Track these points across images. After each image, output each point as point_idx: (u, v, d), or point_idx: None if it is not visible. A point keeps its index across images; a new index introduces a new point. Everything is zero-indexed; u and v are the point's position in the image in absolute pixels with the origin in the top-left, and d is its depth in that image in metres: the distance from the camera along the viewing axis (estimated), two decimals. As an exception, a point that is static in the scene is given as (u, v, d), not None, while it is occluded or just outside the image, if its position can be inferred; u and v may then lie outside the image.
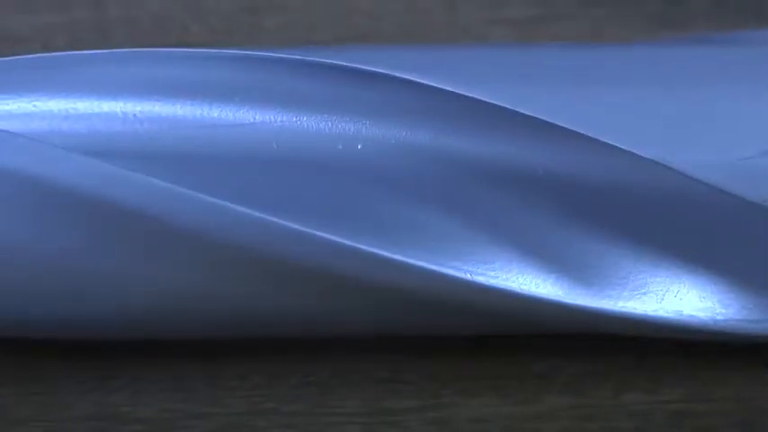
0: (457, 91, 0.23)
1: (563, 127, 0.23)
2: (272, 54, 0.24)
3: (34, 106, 0.24)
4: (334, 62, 0.23)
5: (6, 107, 0.24)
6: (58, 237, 0.23)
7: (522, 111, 0.23)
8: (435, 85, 0.23)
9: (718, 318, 0.24)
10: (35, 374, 0.27)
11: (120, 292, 0.24)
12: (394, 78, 0.23)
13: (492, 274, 0.24)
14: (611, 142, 0.23)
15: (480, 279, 0.23)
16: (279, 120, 0.23)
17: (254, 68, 0.24)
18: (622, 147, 0.23)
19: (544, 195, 0.23)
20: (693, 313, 0.24)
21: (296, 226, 0.23)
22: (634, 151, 0.23)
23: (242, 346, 0.26)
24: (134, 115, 0.24)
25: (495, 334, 0.25)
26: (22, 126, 0.24)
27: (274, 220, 0.22)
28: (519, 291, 0.23)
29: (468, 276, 0.23)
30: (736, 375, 0.26)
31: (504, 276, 0.24)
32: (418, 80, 0.23)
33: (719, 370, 0.26)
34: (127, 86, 0.24)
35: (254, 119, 0.23)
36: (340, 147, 0.23)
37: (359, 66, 0.23)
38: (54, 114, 0.24)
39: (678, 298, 0.24)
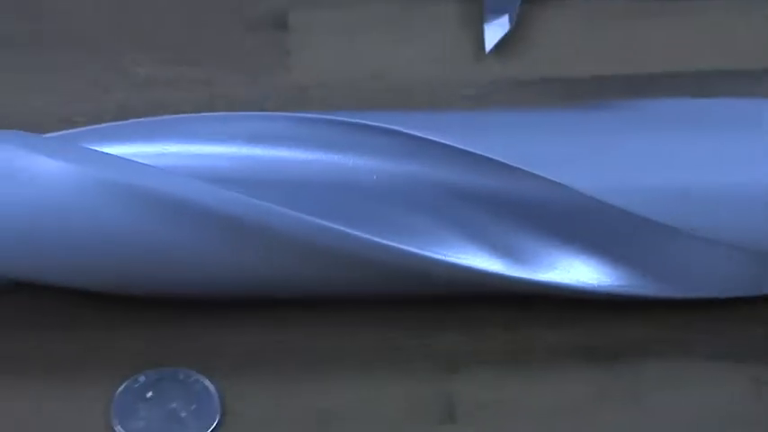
0: (440, 140, 0.37)
1: (508, 164, 0.37)
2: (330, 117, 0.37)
3: (165, 149, 0.37)
4: (370, 123, 0.37)
5: (149, 149, 0.37)
6: (185, 238, 0.36)
7: (481, 153, 0.36)
8: (431, 138, 0.37)
9: (602, 284, 0.37)
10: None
11: (218, 275, 0.36)
12: (402, 133, 0.37)
13: (459, 256, 0.37)
14: (544, 175, 0.36)
15: (452, 259, 0.36)
16: (333, 161, 0.37)
17: (320, 127, 0.37)
18: (550, 177, 0.36)
19: (495, 208, 0.37)
20: (586, 281, 0.37)
21: (342, 228, 0.35)
22: (559, 180, 0.37)
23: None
24: (246, 156, 0.36)
25: (457, 296, 0.38)
26: (159, 162, 0.36)
27: (333, 225, 0.35)
28: (475, 267, 0.37)
29: (443, 257, 0.36)
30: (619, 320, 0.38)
31: (465, 258, 0.37)
32: (419, 135, 0.37)
33: (615, 317, 0.38)
34: (237, 136, 0.37)
35: (322, 159, 0.37)
36: (374, 177, 0.37)
37: (390, 126, 0.37)
38: (182, 155, 0.37)
39: (576, 272, 0.37)
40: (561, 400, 0.38)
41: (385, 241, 0.37)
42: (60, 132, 0.39)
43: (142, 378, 0.38)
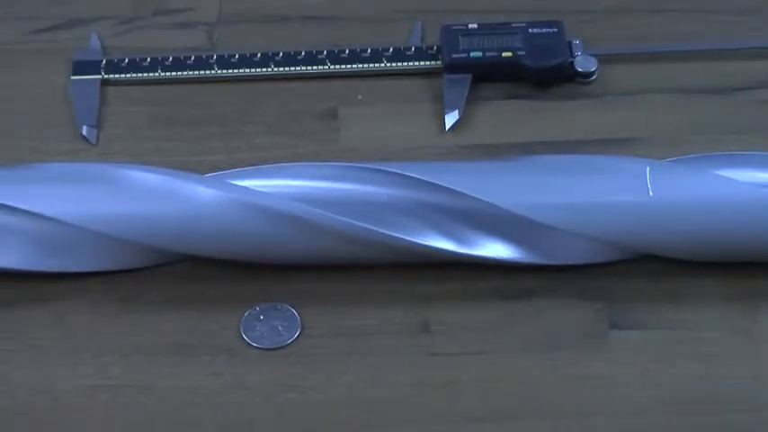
0: (421, 178, 0.53)
1: (458, 191, 0.52)
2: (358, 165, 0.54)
3: (275, 183, 0.54)
4: (384, 168, 0.54)
5: (266, 183, 0.54)
6: (281, 233, 0.52)
7: (443, 185, 0.53)
8: (416, 176, 0.53)
9: (510, 256, 0.54)
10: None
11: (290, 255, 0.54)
12: (401, 174, 0.54)
13: (428, 240, 0.53)
14: (477, 196, 0.52)
15: (423, 241, 0.53)
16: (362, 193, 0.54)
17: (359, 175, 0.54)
18: (481, 197, 0.52)
19: (451, 214, 0.53)
20: (502, 255, 0.54)
21: (367, 226, 0.52)
22: (486, 199, 0.52)
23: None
24: (318, 187, 0.54)
25: (417, 263, 0.54)
26: (271, 190, 0.53)
27: (365, 225, 0.53)
28: (436, 246, 0.53)
29: (418, 241, 0.53)
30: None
31: (432, 241, 0.53)
32: (410, 175, 0.53)
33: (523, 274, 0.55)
34: (314, 176, 0.54)
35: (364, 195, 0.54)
36: (386, 198, 0.54)
37: (394, 170, 0.54)
38: (284, 187, 0.54)
39: (495, 249, 0.54)
40: (487, 320, 0.53)
41: (388, 232, 0.52)
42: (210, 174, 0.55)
43: (257, 308, 0.54)
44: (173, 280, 0.55)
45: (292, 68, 0.64)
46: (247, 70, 0.64)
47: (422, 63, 0.64)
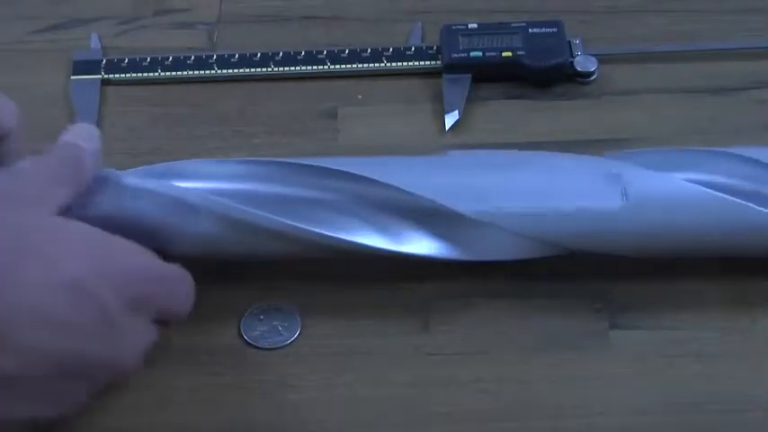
0: (361, 174, 0.52)
1: (392, 185, 0.51)
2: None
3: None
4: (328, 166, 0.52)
5: (186, 184, 0.52)
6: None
7: (386, 182, 0.52)
8: (353, 172, 0.52)
9: (434, 252, 0.52)
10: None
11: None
12: (333, 170, 0.52)
13: (362, 237, 0.52)
14: (405, 188, 0.51)
15: (356, 239, 0.52)
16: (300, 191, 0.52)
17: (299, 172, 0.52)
18: (427, 197, 0.51)
19: (384, 210, 0.52)
20: (427, 252, 0.52)
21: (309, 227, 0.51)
22: (412, 190, 0.51)
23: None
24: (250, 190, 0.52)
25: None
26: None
27: (301, 226, 0.51)
28: (369, 244, 0.52)
29: (351, 238, 0.52)
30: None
31: (365, 238, 0.52)
32: (346, 171, 0.52)
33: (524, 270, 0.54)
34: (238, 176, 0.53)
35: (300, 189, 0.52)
36: (314, 193, 0.52)
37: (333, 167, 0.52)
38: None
39: (421, 244, 0.52)
40: (487, 320, 0.53)
41: (312, 229, 0.51)
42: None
43: (257, 308, 0.54)
44: (173, 280, 0.56)
45: (292, 68, 0.64)
46: (247, 70, 0.64)
47: (422, 63, 0.64)
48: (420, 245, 0.52)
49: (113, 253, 0.47)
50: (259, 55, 0.65)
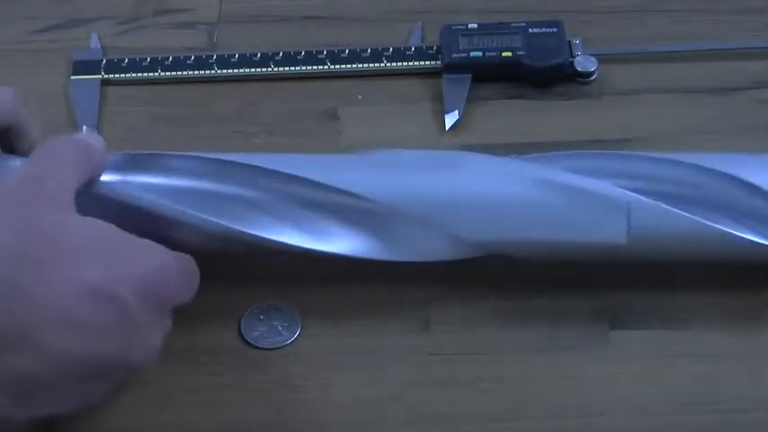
0: (286, 172, 0.52)
1: (315, 181, 0.51)
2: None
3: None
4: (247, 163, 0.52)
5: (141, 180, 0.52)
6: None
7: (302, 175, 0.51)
8: (276, 169, 0.52)
9: (361, 252, 0.52)
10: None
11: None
12: (259, 168, 0.52)
13: (279, 235, 0.51)
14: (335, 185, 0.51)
15: (271, 236, 0.51)
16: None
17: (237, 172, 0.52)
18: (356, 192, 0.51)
19: (306, 208, 0.52)
20: (352, 251, 0.52)
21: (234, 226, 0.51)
22: (347, 189, 0.51)
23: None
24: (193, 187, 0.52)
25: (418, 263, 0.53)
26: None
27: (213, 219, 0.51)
28: (287, 242, 0.51)
29: (273, 236, 0.51)
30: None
31: (283, 236, 0.51)
32: (270, 169, 0.52)
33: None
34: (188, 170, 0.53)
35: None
36: (252, 194, 0.52)
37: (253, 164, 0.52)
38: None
39: (344, 245, 0.52)
40: (487, 320, 0.53)
41: (234, 226, 0.50)
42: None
43: (257, 308, 0.54)
44: (173, 280, 0.56)
45: (292, 68, 0.64)
46: (247, 70, 0.64)
47: (422, 63, 0.64)
48: (344, 243, 0.52)
49: (133, 251, 0.47)
50: (259, 55, 0.65)
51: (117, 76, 0.64)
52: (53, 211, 0.46)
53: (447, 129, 0.62)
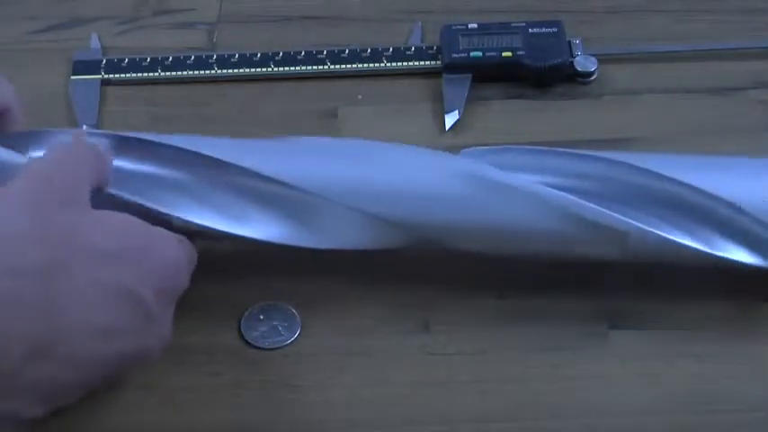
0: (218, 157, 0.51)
1: (240, 166, 0.51)
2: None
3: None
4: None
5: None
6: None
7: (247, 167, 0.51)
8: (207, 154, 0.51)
9: (282, 238, 0.51)
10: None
11: None
12: (186, 151, 0.51)
13: (200, 218, 0.51)
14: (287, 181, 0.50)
15: (194, 220, 0.51)
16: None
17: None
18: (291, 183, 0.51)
19: (230, 192, 0.51)
20: (274, 239, 0.51)
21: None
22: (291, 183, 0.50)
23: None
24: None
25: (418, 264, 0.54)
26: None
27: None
28: (210, 225, 0.51)
29: (192, 219, 0.51)
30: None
31: (206, 220, 0.51)
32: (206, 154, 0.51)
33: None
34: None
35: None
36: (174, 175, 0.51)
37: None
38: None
39: (268, 230, 0.51)
40: (487, 320, 0.53)
41: (162, 209, 0.50)
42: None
43: (257, 307, 0.54)
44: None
45: (292, 68, 0.64)
46: (247, 70, 0.64)
47: (422, 63, 0.64)
48: (266, 229, 0.52)
49: (150, 246, 0.48)
50: (259, 55, 0.65)
51: (117, 76, 0.64)
52: (73, 210, 0.46)
53: (447, 129, 0.62)
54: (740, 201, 0.50)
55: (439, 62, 0.64)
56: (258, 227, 0.51)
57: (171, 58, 0.65)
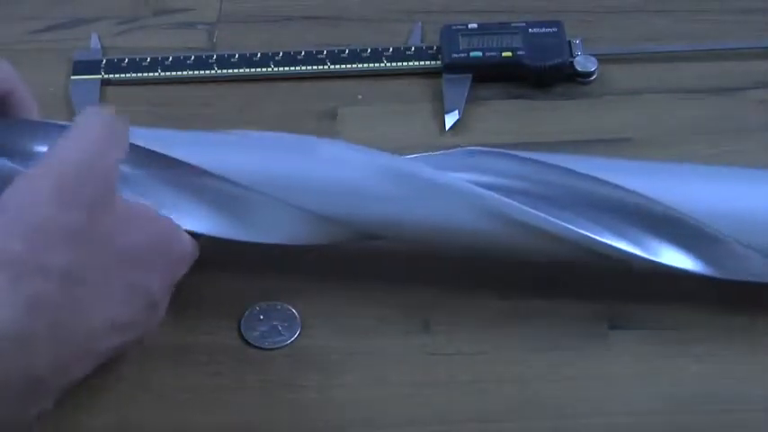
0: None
1: (204, 169, 0.51)
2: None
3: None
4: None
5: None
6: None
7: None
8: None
9: (215, 232, 0.52)
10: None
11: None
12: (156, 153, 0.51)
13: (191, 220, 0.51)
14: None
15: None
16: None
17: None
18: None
19: (164, 183, 0.51)
20: (210, 232, 0.52)
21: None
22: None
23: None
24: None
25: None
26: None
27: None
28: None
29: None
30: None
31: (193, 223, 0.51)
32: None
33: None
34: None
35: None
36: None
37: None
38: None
39: (204, 223, 0.52)
40: (487, 320, 0.53)
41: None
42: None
43: (257, 307, 0.54)
44: (173, 280, 0.55)
45: (292, 68, 0.64)
46: (247, 70, 0.64)
47: (422, 63, 0.64)
48: (202, 222, 0.52)
49: (167, 241, 0.49)
50: (259, 55, 0.65)
51: (117, 76, 0.64)
52: (102, 210, 0.46)
53: (447, 129, 0.62)
54: (679, 205, 0.50)
55: (439, 62, 0.64)
56: (191, 220, 0.51)
57: (171, 58, 0.65)
